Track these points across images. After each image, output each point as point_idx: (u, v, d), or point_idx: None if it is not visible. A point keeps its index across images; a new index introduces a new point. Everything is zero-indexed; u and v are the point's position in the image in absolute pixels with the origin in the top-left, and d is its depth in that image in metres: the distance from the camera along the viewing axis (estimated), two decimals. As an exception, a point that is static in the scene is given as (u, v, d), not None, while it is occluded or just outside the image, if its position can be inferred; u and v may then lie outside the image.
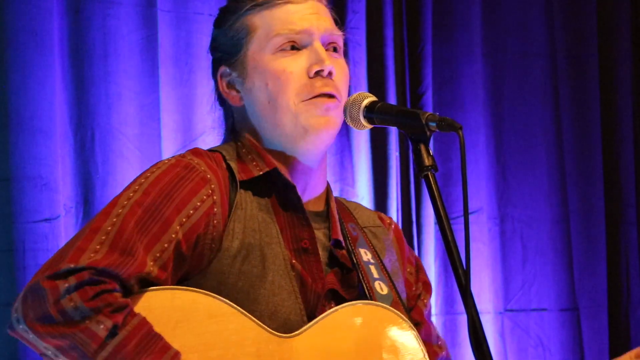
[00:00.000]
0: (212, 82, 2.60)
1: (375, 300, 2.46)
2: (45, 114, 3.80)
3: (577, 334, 4.91)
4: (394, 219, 4.59)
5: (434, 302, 4.67)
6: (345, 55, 4.51)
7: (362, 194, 4.54)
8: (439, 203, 2.21)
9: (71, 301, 2.15)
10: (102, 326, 2.16)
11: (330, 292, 2.44)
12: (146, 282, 2.26)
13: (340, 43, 2.54)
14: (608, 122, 5.08)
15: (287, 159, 2.48)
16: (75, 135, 3.90)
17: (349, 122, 2.42)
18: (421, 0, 4.78)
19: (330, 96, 2.45)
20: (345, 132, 4.53)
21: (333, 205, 2.56)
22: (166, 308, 2.24)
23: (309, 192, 2.50)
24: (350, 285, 2.47)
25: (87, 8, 3.94)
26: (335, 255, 2.48)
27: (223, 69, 2.52)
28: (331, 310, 2.39)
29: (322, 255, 2.47)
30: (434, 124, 2.24)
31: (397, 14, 4.75)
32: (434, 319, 4.64)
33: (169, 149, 4.01)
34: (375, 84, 4.62)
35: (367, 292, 2.47)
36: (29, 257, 3.73)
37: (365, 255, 2.55)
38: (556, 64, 5.01)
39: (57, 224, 3.76)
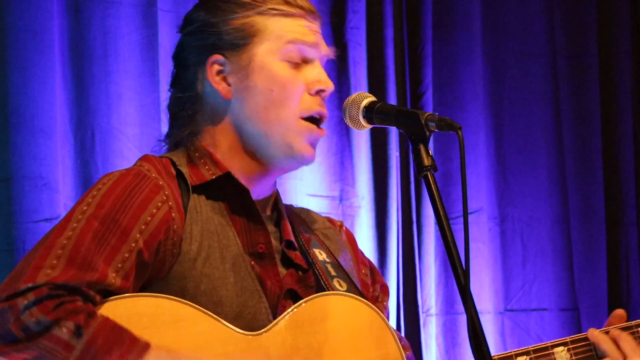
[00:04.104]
0: None
1: None
2: (45, 114, 3.80)
3: (577, 334, 4.90)
4: (394, 219, 4.60)
5: (434, 303, 4.67)
6: (345, 55, 4.58)
7: (362, 194, 4.55)
8: (438, 203, 2.21)
9: (32, 316, 2.13)
10: (64, 329, 2.14)
11: (288, 292, 2.43)
12: (108, 294, 2.23)
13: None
14: (608, 122, 5.09)
15: (248, 165, 2.47)
16: (75, 135, 3.90)
17: (348, 122, 2.42)
18: (421, 0, 4.78)
19: (322, 124, 2.48)
20: (345, 132, 4.53)
21: (282, 208, 2.56)
22: (131, 315, 2.22)
23: (259, 195, 2.49)
24: (308, 285, 2.46)
25: (87, 8, 3.94)
26: (288, 257, 2.48)
27: (217, 57, 2.47)
28: (298, 303, 2.38)
29: (277, 258, 2.46)
30: (433, 124, 2.24)
31: (397, 14, 4.75)
32: (433, 319, 4.65)
33: (169, 149, 4.01)
34: (375, 84, 4.62)
35: (326, 290, 2.47)
36: (29, 257, 3.72)
37: (320, 255, 2.54)
38: (556, 64, 5.01)
39: (57, 224, 3.76)
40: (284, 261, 2.48)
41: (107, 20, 3.96)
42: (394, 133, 4.62)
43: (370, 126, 2.40)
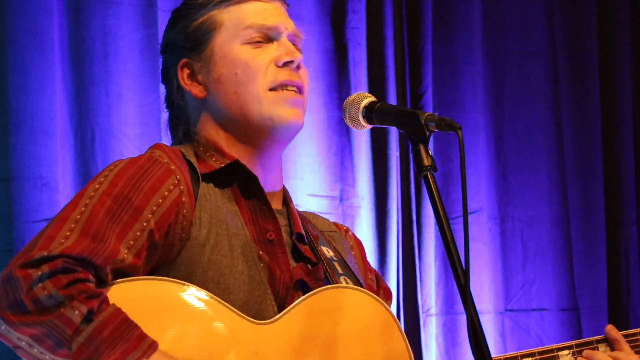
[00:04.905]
0: None
1: None
2: (45, 114, 3.80)
3: (577, 334, 4.91)
4: (394, 219, 4.60)
5: (434, 303, 4.67)
6: (345, 55, 4.57)
7: (362, 194, 4.55)
8: (438, 203, 2.21)
9: (44, 289, 2.13)
10: (76, 312, 2.14)
11: (298, 283, 2.44)
12: (120, 272, 2.24)
13: (301, 47, 2.57)
14: (608, 122, 5.09)
15: (248, 153, 2.49)
16: (75, 135, 3.90)
17: (348, 123, 2.42)
18: (421, 0, 4.79)
19: (298, 91, 2.49)
20: (345, 132, 4.53)
21: (291, 203, 2.58)
22: (141, 299, 2.23)
23: (268, 188, 2.51)
24: (318, 278, 2.47)
25: (87, 8, 3.94)
26: (299, 249, 2.49)
27: (185, 61, 2.52)
28: (306, 295, 2.38)
29: (287, 250, 2.47)
30: (433, 124, 2.23)
31: (397, 14, 4.75)
32: (433, 319, 4.65)
33: (169, 149, 4.01)
34: (375, 84, 4.62)
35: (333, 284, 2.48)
36: (29, 257, 3.72)
37: (328, 252, 2.56)
38: (556, 64, 5.01)
39: (57, 224, 3.75)
40: (294, 254, 2.49)
41: (107, 20, 3.96)
42: (394, 133, 4.62)
43: (370, 126, 2.40)
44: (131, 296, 2.22)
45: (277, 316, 2.35)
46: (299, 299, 2.37)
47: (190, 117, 2.54)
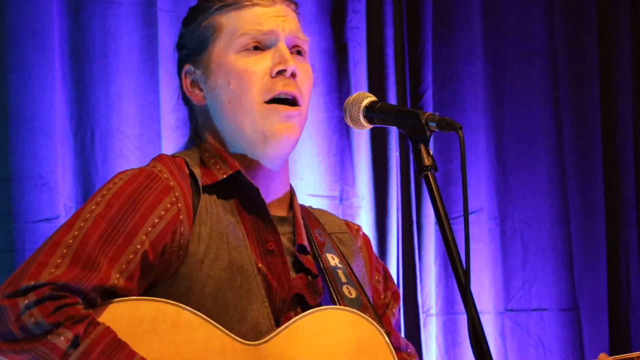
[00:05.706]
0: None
1: (342, 305, 2.45)
2: (45, 114, 3.80)
3: (578, 333, 4.91)
4: (394, 219, 4.60)
5: (434, 303, 4.67)
6: (345, 55, 4.58)
7: (362, 194, 4.55)
8: (438, 203, 2.21)
9: (31, 317, 2.14)
10: (62, 338, 2.15)
11: (296, 296, 2.43)
12: (111, 294, 2.24)
13: (306, 48, 2.52)
14: (608, 122, 5.09)
15: (249, 162, 2.47)
16: (75, 135, 3.90)
17: (348, 122, 2.42)
18: (421, 0, 4.78)
19: (293, 103, 2.45)
20: (345, 132, 4.53)
21: (297, 209, 2.55)
22: (131, 319, 2.22)
23: (271, 196, 2.49)
24: (316, 291, 2.46)
25: (87, 8, 3.94)
26: (300, 260, 2.47)
27: (188, 67, 2.52)
28: (299, 316, 2.37)
29: (288, 260, 2.45)
30: (434, 124, 2.23)
31: (397, 14, 4.75)
32: (433, 319, 4.65)
33: (169, 149, 4.00)
34: (375, 84, 4.62)
35: (334, 297, 2.47)
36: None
37: (333, 260, 2.53)
38: (556, 64, 5.01)
39: (57, 223, 3.75)
40: (296, 264, 2.47)
41: (107, 20, 3.96)
42: (394, 133, 4.62)
43: (370, 126, 2.40)
44: (121, 316, 2.22)
45: (267, 337, 2.33)
46: (293, 319, 2.36)
47: (197, 121, 2.54)
